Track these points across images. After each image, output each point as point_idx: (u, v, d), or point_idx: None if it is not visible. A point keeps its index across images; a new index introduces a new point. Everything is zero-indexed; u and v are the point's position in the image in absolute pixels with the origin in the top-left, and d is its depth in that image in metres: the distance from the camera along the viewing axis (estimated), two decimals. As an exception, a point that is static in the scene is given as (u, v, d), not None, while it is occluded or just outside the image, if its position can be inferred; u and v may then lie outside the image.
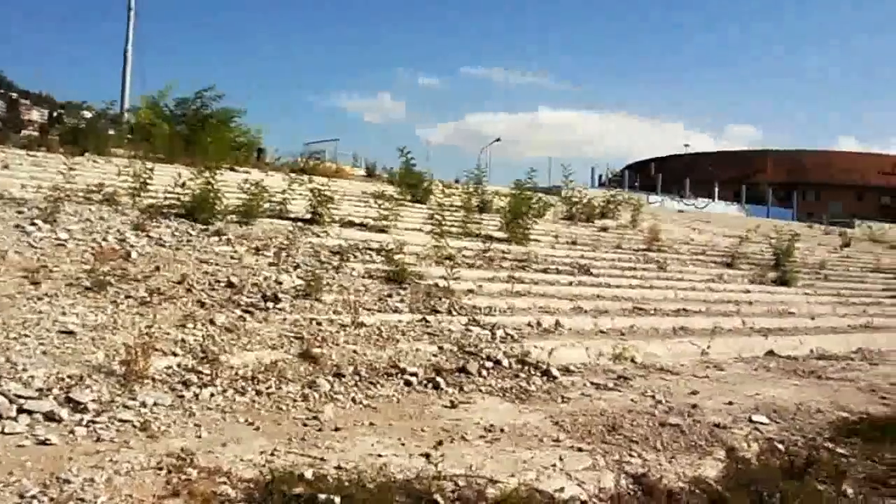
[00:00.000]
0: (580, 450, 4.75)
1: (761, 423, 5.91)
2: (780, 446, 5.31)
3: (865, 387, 7.93)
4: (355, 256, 9.63)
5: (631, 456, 4.74)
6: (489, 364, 6.70)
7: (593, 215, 18.91)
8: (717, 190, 53.51)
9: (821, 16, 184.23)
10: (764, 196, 59.20)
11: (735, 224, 25.56)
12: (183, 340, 5.85)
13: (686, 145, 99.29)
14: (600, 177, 55.24)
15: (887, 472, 5.01)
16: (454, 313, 8.08)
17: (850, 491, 4.58)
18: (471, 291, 9.02)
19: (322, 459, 4.09)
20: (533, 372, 6.78)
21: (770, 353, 9.44)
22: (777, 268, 15.07)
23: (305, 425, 4.72)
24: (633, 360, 7.93)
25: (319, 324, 6.84)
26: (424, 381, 6.02)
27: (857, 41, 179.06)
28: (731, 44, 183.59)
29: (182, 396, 4.88)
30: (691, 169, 70.87)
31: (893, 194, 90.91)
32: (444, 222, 11.41)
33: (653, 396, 6.46)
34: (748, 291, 13.13)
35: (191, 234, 9.19)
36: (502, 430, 4.99)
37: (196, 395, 4.93)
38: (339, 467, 3.96)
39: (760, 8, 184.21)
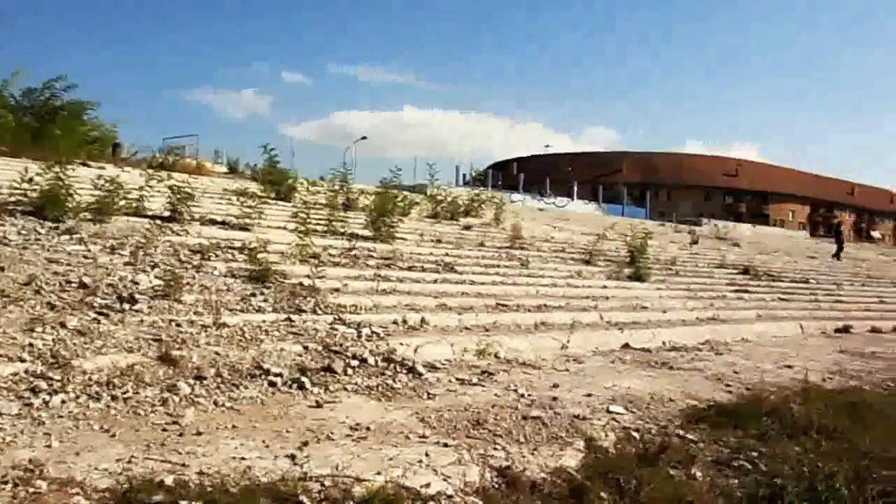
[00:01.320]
0: (446, 445, 4.80)
1: (618, 414, 6.15)
2: (636, 434, 5.55)
3: (712, 375, 8.40)
4: (217, 255, 9.37)
5: (495, 449, 4.83)
6: (355, 363, 6.67)
7: (458, 214, 19.17)
8: (575, 189, 55.20)
9: (669, 20, 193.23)
10: (620, 196, 61.64)
11: (593, 222, 26.50)
12: (31, 345, 5.50)
13: (547, 146, 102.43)
14: (465, 176, 56.18)
15: (731, 455, 5.34)
16: (319, 312, 7.99)
17: (698, 474, 4.85)
18: (336, 290, 8.96)
19: (183, 465, 3.95)
20: (399, 369, 6.80)
21: (626, 345, 9.83)
22: (632, 264, 15.66)
23: (165, 430, 4.55)
24: (496, 356, 8.08)
25: (179, 325, 6.61)
26: (289, 382, 5.92)
27: (707, 43, 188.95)
28: (590, 47, 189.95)
29: (30, 404, 4.59)
30: (551, 169, 72.94)
31: (736, 195, 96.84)
32: (308, 220, 11.24)
33: (516, 390, 6.60)
34: (605, 287, 13.63)
35: (39, 233, 8.71)
36: (368, 429, 4.98)
37: (46, 403, 4.65)
38: (201, 472, 3.85)
39: (617, 11, 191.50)
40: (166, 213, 10.84)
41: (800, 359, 10.20)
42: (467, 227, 17.67)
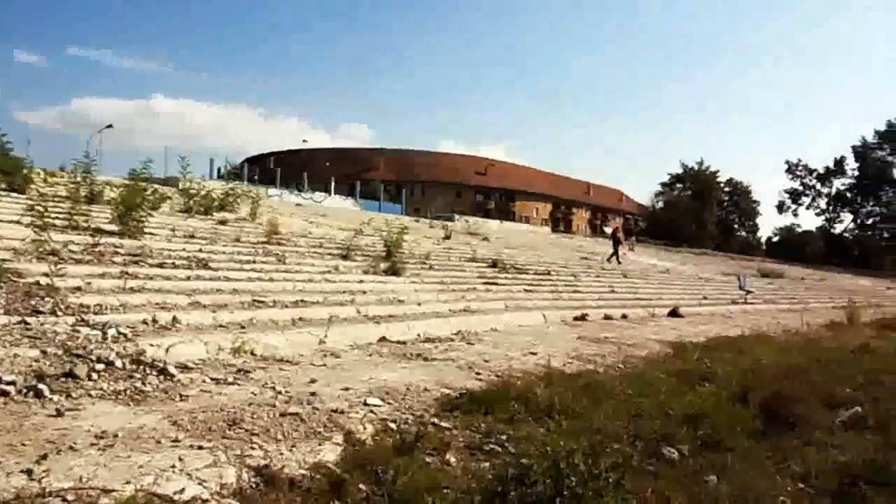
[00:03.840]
0: (201, 448, 4.64)
1: (375, 406, 6.25)
2: (393, 425, 5.68)
3: (464, 365, 8.76)
4: (-66, 253, 8.41)
5: (253, 448, 4.74)
6: (100, 366, 6.24)
7: (212, 208, 18.55)
8: (333, 185, 55.35)
9: (421, 21, 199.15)
10: (377, 192, 62.64)
11: (350, 218, 26.65)
12: None
13: (304, 141, 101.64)
14: (220, 169, 54.55)
15: (483, 440, 5.62)
16: (60, 313, 7.39)
17: (452, 459, 5.06)
18: (79, 289, 8.34)
19: None
20: (149, 371, 6.46)
21: (382, 339, 9.98)
22: (388, 259, 15.94)
23: None
24: (253, 353, 7.91)
25: None
26: (24, 390, 5.43)
27: (457, 47, 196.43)
28: (346, 41, 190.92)
29: None
30: (309, 164, 72.76)
31: (486, 192, 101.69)
32: (46, 214, 10.37)
33: (273, 387, 6.51)
34: (362, 282, 13.76)
35: None
36: (116, 436, 4.69)
37: None
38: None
39: (372, 8, 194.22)
40: None
41: (543, 346, 10.89)
42: (222, 222, 17.13)
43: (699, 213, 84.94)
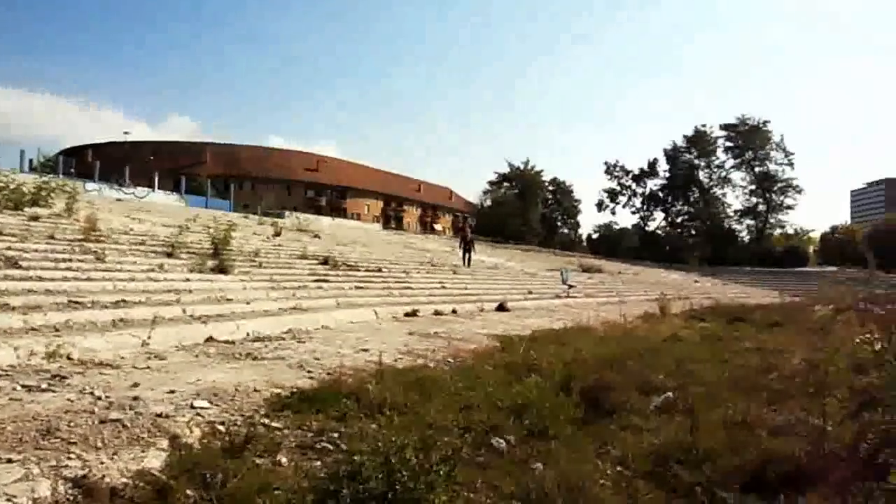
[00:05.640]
0: (10, 461, 4.33)
1: (203, 408, 6.07)
2: (222, 428, 5.54)
3: (295, 363, 8.67)
4: None
5: (70, 459, 4.49)
6: None
7: (23, 203, 17.29)
8: (157, 180, 53.17)
9: (253, 19, 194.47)
10: (203, 187, 60.76)
11: (176, 214, 25.70)
12: None
13: (126, 133, 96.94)
14: (31, 161, 51.14)
15: (315, 438, 5.59)
16: None
17: (284, 460, 5.00)
18: None
19: None
20: (-50, 380, 5.99)
21: (210, 339, 9.72)
22: (216, 256, 15.52)
23: None
24: (69, 357, 7.49)
25: None
26: None
27: (287, 39, 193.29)
28: (173, 31, 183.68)
29: None
30: (131, 157, 69.51)
31: (317, 189, 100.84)
32: None
33: (92, 393, 6.18)
34: (188, 280, 13.32)
35: None
36: (-89, 451, 4.32)
37: None
38: None
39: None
40: None
41: (375, 342, 10.94)
42: (34, 218, 16.00)
43: (525, 210, 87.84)
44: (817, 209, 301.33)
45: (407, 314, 15.71)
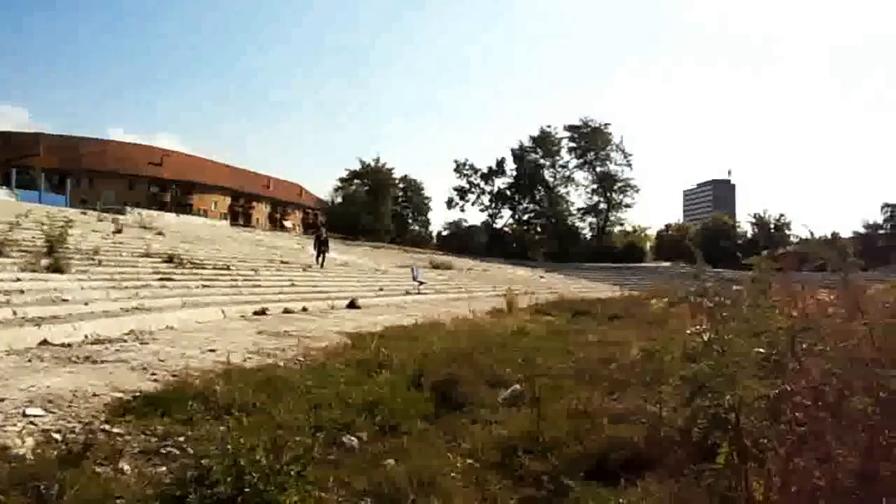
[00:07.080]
0: None
1: (36, 416, 5.76)
2: (58, 436, 5.27)
3: (138, 366, 8.36)
4: None
5: None
6: None
7: None
8: (-18, 172, 49.59)
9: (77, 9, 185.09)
10: (36, 181, 57.42)
11: (5, 209, 24.13)
12: None
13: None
14: None
15: (160, 443, 5.41)
16: None
17: (126, 467, 4.82)
18: None
19: None
20: None
21: (44, 342, 9.23)
22: (51, 255, 14.69)
23: None
24: None
25: None
26: None
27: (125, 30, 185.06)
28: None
29: None
30: (-48, 148, 64.54)
31: (161, 184, 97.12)
32: None
33: None
34: (20, 280, 12.53)
35: None
36: None
37: None
38: None
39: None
40: None
41: (223, 342, 10.71)
42: None
43: (376, 207, 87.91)
44: (653, 208, 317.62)
45: (256, 313, 15.46)
